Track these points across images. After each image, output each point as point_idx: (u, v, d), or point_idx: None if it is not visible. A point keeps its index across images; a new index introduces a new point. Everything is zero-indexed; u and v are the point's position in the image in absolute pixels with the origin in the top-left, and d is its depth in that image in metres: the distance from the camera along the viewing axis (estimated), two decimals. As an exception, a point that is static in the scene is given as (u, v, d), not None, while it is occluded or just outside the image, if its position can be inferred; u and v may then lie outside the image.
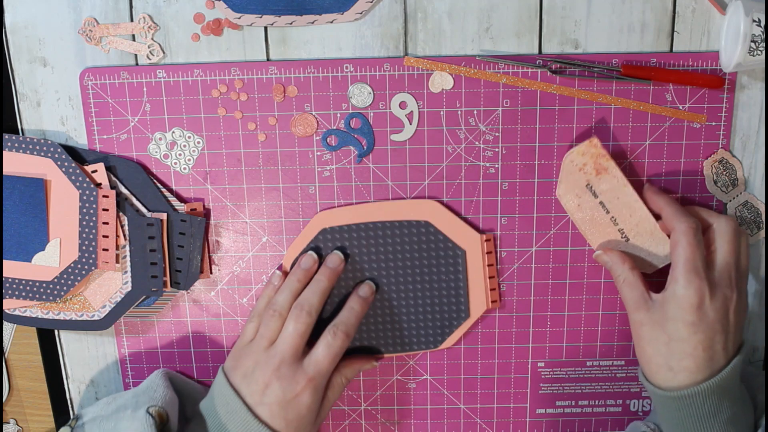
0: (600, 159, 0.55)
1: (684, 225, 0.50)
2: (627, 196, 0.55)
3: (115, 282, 0.58)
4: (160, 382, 0.56)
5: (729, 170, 0.57)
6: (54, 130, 0.58)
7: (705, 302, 0.48)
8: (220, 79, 0.56)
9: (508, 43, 0.55)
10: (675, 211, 0.51)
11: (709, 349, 0.48)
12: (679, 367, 0.48)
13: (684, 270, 0.48)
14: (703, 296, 0.48)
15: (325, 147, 0.57)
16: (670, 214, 0.51)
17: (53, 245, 0.57)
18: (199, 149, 0.58)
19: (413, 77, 0.56)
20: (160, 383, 0.56)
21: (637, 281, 0.52)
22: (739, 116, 0.56)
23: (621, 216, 0.55)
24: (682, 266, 0.49)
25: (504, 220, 0.58)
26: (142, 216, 0.57)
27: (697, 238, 0.49)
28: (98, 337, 0.62)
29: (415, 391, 0.62)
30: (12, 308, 0.59)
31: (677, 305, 0.48)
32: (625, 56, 0.55)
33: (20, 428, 0.65)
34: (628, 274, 0.52)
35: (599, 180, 0.55)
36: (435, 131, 0.57)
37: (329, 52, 0.56)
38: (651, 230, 0.55)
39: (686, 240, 0.49)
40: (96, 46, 0.56)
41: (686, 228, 0.49)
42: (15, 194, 0.57)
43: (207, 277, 0.59)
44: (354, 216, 0.56)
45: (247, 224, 0.59)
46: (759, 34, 0.51)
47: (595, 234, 0.57)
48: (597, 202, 0.56)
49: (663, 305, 0.49)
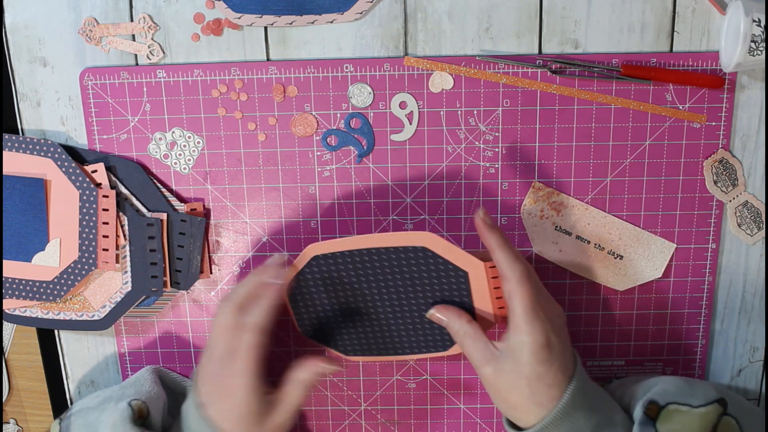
0: (551, 198, 0.55)
1: (518, 273, 0.48)
2: (595, 218, 0.55)
3: (115, 282, 0.58)
4: (147, 376, 0.58)
5: (729, 170, 0.57)
6: (54, 130, 0.58)
7: (551, 337, 0.48)
8: (220, 79, 0.56)
9: (508, 43, 0.55)
10: (506, 258, 0.49)
11: (565, 368, 0.49)
12: (548, 398, 0.48)
13: (526, 318, 0.48)
14: (548, 333, 0.48)
15: (325, 147, 0.57)
16: (502, 260, 0.49)
17: (53, 245, 0.57)
18: (199, 149, 0.58)
19: (413, 77, 0.56)
20: (147, 378, 0.58)
21: (479, 333, 0.51)
22: (739, 116, 0.56)
23: (602, 239, 0.56)
24: (523, 314, 0.48)
25: (504, 220, 0.58)
26: (142, 216, 0.57)
27: (532, 281, 0.49)
28: (98, 337, 0.62)
29: (415, 391, 0.62)
30: (12, 308, 0.59)
31: (529, 351, 0.48)
32: (625, 56, 0.55)
33: (20, 428, 0.65)
34: (467, 328, 0.51)
35: (563, 217, 0.56)
36: (435, 131, 0.57)
37: (329, 52, 0.56)
38: (636, 237, 0.55)
39: (522, 290, 0.48)
40: (96, 46, 0.56)
41: (520, 276, 0.48)
42: (15, 194, 0.57)
43: (207, 277, 0.59)
44: (347, 246, 0.52)
45: (247, 224, 0.59)
46: (759, 34, 0.51)
47: (591, 268, 0.57)
48: (574, 239, 0.56)
49: (512, 354, 0.49)
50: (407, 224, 0.58)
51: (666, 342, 0.61)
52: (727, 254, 0.59)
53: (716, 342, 0.61)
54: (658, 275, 0.58)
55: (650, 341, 0.61)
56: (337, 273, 0.53)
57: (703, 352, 0.61)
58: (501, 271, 0.49)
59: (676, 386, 0.52)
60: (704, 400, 0.51)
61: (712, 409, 0.50)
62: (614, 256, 0.57)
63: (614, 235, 0.57)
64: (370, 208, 0.58)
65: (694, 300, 0.60)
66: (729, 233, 0.58)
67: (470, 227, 0.58)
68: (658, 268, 0.58)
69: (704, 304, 0.60)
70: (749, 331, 0.60)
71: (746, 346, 0.61)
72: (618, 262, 0.57)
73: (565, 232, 0.57)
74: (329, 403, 0.62)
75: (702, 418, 0.50)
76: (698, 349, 0.61)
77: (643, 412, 0.50)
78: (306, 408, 0.63)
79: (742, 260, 0.59)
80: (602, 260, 0.57)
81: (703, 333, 0.60)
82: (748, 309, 0.60)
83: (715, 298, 0.60)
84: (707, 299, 0.60)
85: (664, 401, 0.51)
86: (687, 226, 0.58)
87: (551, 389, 0.48)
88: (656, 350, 0.61)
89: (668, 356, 0.61)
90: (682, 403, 0.51)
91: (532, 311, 0.48)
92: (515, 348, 0.48)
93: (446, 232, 0.58)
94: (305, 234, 0.59)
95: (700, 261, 0.59)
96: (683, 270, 0.59)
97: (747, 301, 0.60)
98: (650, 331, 0.60)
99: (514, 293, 0.48)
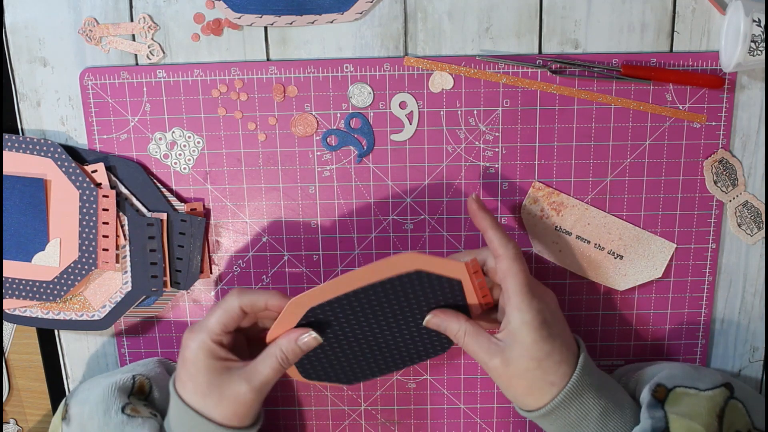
0: (551, 197, 0.55)
1: (511, 251, 0.49)
2: (595, 218, 0.55)
3: (115, 282, 0.58)
4: (155, 361, 0.60)
5: (729, 170, 0.57)
6: (54, 130, 0.58)
7: (546, 314, 0.49)
8: (220, 79, 0.56)
9: (508, 43, 0.55)
10: (499, 237, 0.50)
11: (569, 345, 0.50)
12: (558, 375, 0.49)
13: (523, 296, 0.49)
14: (544, 312, 0.49)
15: (325, 147, 0.57)
16: (495, 239, 0.50)
17: (53, 245, 0.57)
18: (199, 149, 0.58)
19: (413, 77, 0.56)
20: (154, 362, 0.60)
21: (478, 329, 0.51)
22: (739, 116, 0.56)
23: (602, 239, 0.56)
24: (520, 293, 0.49)
25: (504, 220, 0.58)
26: (142, 216, 0.57)
27: (523, 260, 0.50)
28: (98, 337, 0.62)
29: (415, 391, 0.62)
30: (12, 308, 0.59)
31: (531, 329, 0.48)
32: (625, 56, 0.55)
33: (20, 428, 0.65)
34: (466, 326, 0.51)
35: (563, 217, 0.56)
36: (435, 131, 0.57)
37: (329, 52, 0.56)
38: (636, 237, 0.55)
39: (516, 267, 0.49)
40: (96, 46, 0.56)
41: (513, 254, 0.49)
42: (15, 194, 0.57)
43: (207, 277, 0.59)
44: (333, 290, 0.50)
45: (247, 224, 0.59)
46: (759, 34, 0.51)
47: (591, 268, 0.57)
48: (574, 239, 0.56)
49: (515, 338, 0.49)
50: (407, 224, 0.59)
51: (666, 342, 0.61)
52: (727, 254, 0.59)
53: (716, 342, 0.61)
54: (658, 275, 0.58)
55: (650, 341, 0.61)
56: (334, 316, 0.51)
57: (703, 352, 0.61)
58: (493, 250, 0.50)
59: (683, 371, 0.53)
60: (711, 384, 0.51)
61: (719, 393, 0.51)
62: (614, 256, 0.57)
63: (614, 235, 0.57)
64: (370, 208, 0.58)
65: (694, 300, 0.60)
66: (729, 233, 0.58)
67: (470, 227, 0.58)
68: (658, 268, 0.58)
69: (704, 304, 0.60)
70: (749, 331, 0.60)
71: (746, 346, 0.61)
72: (618, 262, 0.57)
73: (565, 232, 0.57)
74: (329, 403, 0.62)
75: (709, 400, 0.50)
76: (698, 349, 0.61)
77: (651, 395, 0.51)
78: (306, 408, 0.63)
79: (742, 260, 0.59)
80: (602, 260, 0.57)
81: (703, 333, 0.60)
82: (748, 309, 0.60)
83: (715, 298, 0.60)
84: (707, 299, 0.60)
85: (671, 384, 0.51)
86: (687, 226, 0.58)
87: (561, 366, 0.49)
88: (656, 350, 0.61)
89: (668, 356, 0.61)
90: (690, 386, 0.51)
91: (527, 288, 0.49)
92: (517, 331, 0.49)
93: (446, 232, 0.58)
94: (305, 234, 0.59)
95: (700, 261, 0.59)
96: (683, 270, 0.59)
97: (747, 301, 0.60)
98: (650, 331, 0.60)
99: (509, 271, 0.49)
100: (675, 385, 0.51)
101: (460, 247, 0.59)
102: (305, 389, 0.62)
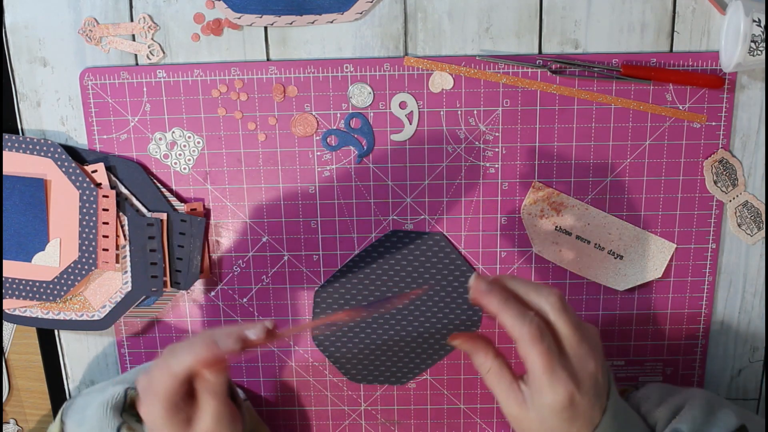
0: (552, 197, 0.55)
1: (527, 330, 0.44)
2: (595, 218, 0.55)
3: (115, 282, 0.58)
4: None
5: (729, 170, 0.57)
6: (54, 130, 0.58)
7: (575, 396, 0.45)
8: (220, 79, 0.56)
9: (508, 43, 0.55)
10: (511, 319, 0.45)
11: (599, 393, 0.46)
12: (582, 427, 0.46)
13: (544, 380, 0.44)
14: (572, 392, 0.45)
15: (325, 147, 0.57)
16: (507, 323, 0.45)
17: (53, 245, 0.57)
18: (199, 149, 0.58)
19: (413, 77, 0.56)
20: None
21: (504, 370, 0.47)
22: (739, 116, 0.56)
23: (602, 239, 0.56)
24: (541, 377, 0.44)
25: (504, 220, 0.58)
26: (142, 216, 0.57)
27: (545, 339, 0.44)
28: (98, 337, 0.62)
29: (415, 391, 0.62)
30: (12, 308, 0.59)
31: (551, 410, 0.45)
32: (625, 56, 0.55)
33: (20, 428, 0.65)
34: (491, 363, 0.47)
35: (563, 217, 0.56)
36: (435, 131, 0.57)
37: (329, 52, 0.56)
38: (636, 237, 0.55)
39: (535, 351, 0.44)
40: (96, 46, 0.56)
41: (530, 334, 0.44)
42: (15, 194, 0.57)
43: (207, 277, 0.59)
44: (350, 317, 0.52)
45: (247, 224, 0.59)
46: (759, 34, 0.51)
47: (591, 268, 0.57)
48: (574, 238, 0.56)
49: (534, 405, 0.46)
50: (407, 224, 0.59)
51: (666, 342, 0.61)
52: (727, 254, 0.59)
53: (716, 342, 0.61)
54: (658, 275, 0.58)
55: (650, 341, 0.61)
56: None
57: (703, 352, 0.61)
58: (509, 333, 0.45)
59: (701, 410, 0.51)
60: (725, 430, 0.50)
61: None
62: (614, 256, 0.57)
63: (614, 235, 0.57)
64: (370, 208, 0.58)
65: (694, 300, 0.60)
66: (729, 233, 0.58)
67: (470, 227, 0.58)
68: (658, 268, 0.58)
69: (704, 304, 0.60)
70: (749, 331, 0.60)
71: (746, 346, 0.61)
72: (618, 262, 0.57)
73: (565, 232, 0.57)
74: (329, 403, 0.62)
75: None
76: (698, 349, 0.61)
77: None
78: (306, 408, 0.63)
79: (742, 260, 0.59)
80: (602, 260, 0.57)
81: (703, 333, 0.60)
82: (748, 309, 0.60)
83: (715, 298, 0.60)
84: (707, 299, 0.60)
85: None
86: (687, 226, 0.58)
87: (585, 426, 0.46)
88: (656, 350, 0.61)
89: (668, 356, 0.61)
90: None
91: (550, 372, 0.44)
92: (537, 404, 0.45)
93: (446, 232, 0.58)
94: (305, 234, 0.59)
95: (700, 261, 0.59)
96: (683, 270, 0.59)
97: (747, 301, 0.60)
98: (650, 331, 0.60)
99: (528, 355, 0.45)
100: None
101: (460, 246, 0.59)
102: (305, 389, 0.62)
